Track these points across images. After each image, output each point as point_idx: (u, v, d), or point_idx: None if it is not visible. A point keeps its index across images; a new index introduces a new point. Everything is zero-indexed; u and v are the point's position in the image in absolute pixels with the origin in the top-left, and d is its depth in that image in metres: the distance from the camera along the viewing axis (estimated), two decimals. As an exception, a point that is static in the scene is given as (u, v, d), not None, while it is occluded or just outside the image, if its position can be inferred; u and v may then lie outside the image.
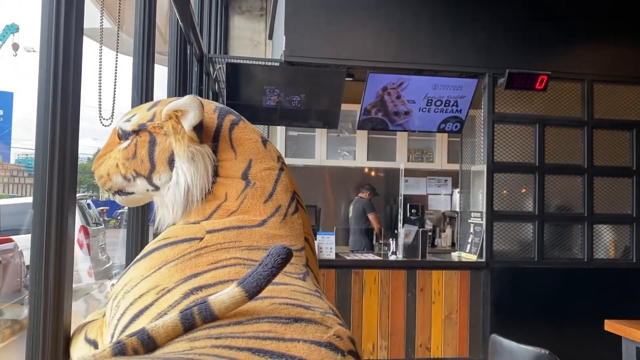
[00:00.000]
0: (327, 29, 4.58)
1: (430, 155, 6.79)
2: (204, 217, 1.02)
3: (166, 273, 0.90)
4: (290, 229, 1.02)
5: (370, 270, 4.56)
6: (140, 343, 0.66)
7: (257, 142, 1.08)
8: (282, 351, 0.67)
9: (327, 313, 0.81)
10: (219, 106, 1.11)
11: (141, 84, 1.92)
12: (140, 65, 1.94)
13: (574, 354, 4.54)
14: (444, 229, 6.81)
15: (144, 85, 1.93)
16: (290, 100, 4.71)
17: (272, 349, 0.66)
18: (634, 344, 2.90)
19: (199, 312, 0.69)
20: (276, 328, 0.70)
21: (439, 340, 4.58)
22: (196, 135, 1.01)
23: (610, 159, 4.90)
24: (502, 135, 4.78)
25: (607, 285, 4.73)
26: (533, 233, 4.76)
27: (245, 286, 0.69)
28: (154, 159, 1.05)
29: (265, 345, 0.66)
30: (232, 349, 0.64)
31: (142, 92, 1.91)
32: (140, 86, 1.91)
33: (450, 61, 4.71)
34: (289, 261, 0.72)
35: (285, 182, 1.07)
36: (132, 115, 1.10)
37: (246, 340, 0.67)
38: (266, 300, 0.77)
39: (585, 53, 4.88)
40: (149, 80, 1.95)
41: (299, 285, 0.89)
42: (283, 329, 0.71)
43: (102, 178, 1.13)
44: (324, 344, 0.71)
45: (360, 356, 0.80)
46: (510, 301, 4.63)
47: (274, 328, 0.70)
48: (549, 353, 2.42)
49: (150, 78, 1.96)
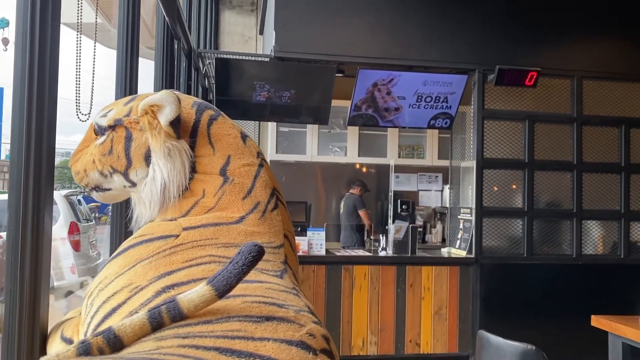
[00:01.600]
0: (318, 24, 4.56)
1: (421, 151, 6.80)
2: (181, 214, 1.00)
3: (140, 271, 0.89)
4: (270, 225, 1.01)
5: (360, 266, 4.55)
6: (106, 342, 0.64)
7: (237, 137, 1.07)
8: (251, 350, 0.65)
9: (301, 311, 0.80)
10: (197, 101, 1.10)
11: (125, 79, 1.89)
12: (124, 59, 1.91)
13: (562, 349, 4.57)
14: (435, 224, 6.83)
15: (128, 80, 1.90)
16: (280, 96, 4.69)
17: (241, 349, 0.65)
18: (619, 339, 2.92)
19: (168, 311, 0.68)
20: (246, 327, 0.69)
21: (428, 335, 4.59)
22: (173, 131, 0.99)
23: (599, 155, 4.92)
24: (492, 131, 4.79)
25: (595, 281, 4.76)
26: (522, 229, 4.78)
27: (215, 285, 0.68)
28: (130, 154, 1.03)
29: (233, 345, 0.65)
30: (198, 349, 0.63)
31: (125, 86, 1.89)
32: (123, 81, 1.89)
33: (441, 57, 4.71)
34: (260, 259, 0.70)
35: (264, 178, 1.06)
36: (109, 111, 1.08)
37: (214, 339, 0.66)
38: (238, 299, 0.76)
39: (574, 50, 4.90)
40: (132, 75, 1.92)
41: (275, 282, 0.88)
42: (253, 328, 0.69)
43: (79, 174, 1.11)
44: (295, 342, 0.70)
45: (335, 355, 0.79)
46: (499, 297, 4.65)
47: (244, 327, 0.69)
48: (536, 349, 2.43)
49: (134, 72, 1.94)
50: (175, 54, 3.05)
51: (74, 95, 1.27)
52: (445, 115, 4.96)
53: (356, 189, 6.43)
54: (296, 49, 4.53)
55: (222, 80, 4.56)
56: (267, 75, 4.59)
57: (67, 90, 1.38)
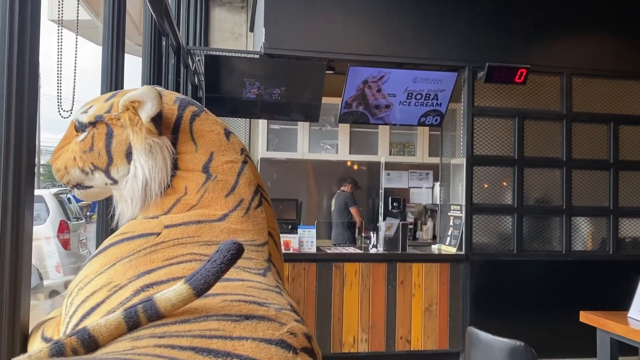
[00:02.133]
0: (308, 21, 4.55)
1: (412, 148, 6.80)
2: (163, 212, 0.99)
3: (120, 269, 0.88)
4: (253, 223, 1.00)
5: (351, 264, 4.55)
6: (80, 343, 0.63)
7: (220, 134, 1.05)
8: (228, 350, 0.64)
9: (283, 309, 0.79)
10: (179, 97, 1.08)
11: (110, 75, 1.87)
12: (109, 55, 1.89)
13: (552, 345, 4.59)
14: (426, 221, 6.84)
15: (114, 76, 1.88)
16: (270, 93, 4.67)
17: (218, 348, 0.64)
18: (608, 334, 2.94)
19: (144, 310, 0.67)
20: (224, 326, 0.68)
21: (419, 332, 4.60)
22: (154, 127, 0.98)
23: (589, 152, 4.94)
24: (482, 128, 4.80)
25: (584, 277, 4.78)
26: (512, 226, 4.79)
27: (193, 283, 0.67)
28: (111, 151, 1.02)
29: (210, 344, 0.64)
30: (174, 349, 0.62)
31: (111, 83, 1.87)
32: (109, 77, 1.87)
33: (431, 54, 4.71)
34: (239, 257, 0.69)
35: (248, 175, 1.04)
36: (89, 107, 1.06)
37: (190, 339, 0.64)
38: (217, 297, 0.75)
39: (564, 47, 4.91)
40: (118, 71, 1.90)
41: (257, 281, 0.87)
42: (232, 327, 0.68)
43: (60, 171, 1.09)
44: (275, 341, 0.69)
45: (317, 353, 0.78)
46: (489, 293, 4.67)
47: (222, 326, 0.68)
48: (524, 345, 2.44)
49: (120, 69, 1.92)
50: (164, 50, 3.03)
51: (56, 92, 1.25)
52: (436, 112, 4.96)
53: (347, 186, 6.43)
54: (286, 45, 4.52)
55: (212, 78, 4.54)
56: (257, 72, 4.57)
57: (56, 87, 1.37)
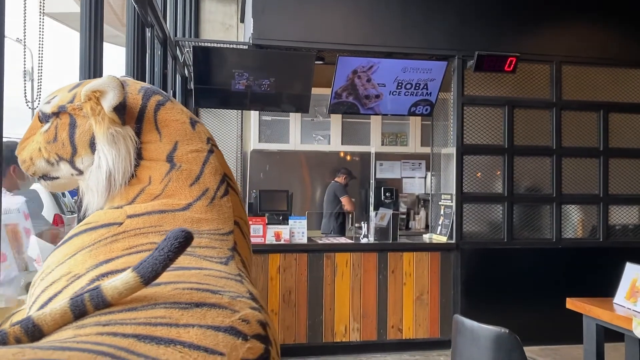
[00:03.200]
0: (296, 11, 4.53)
1: (404, 138, 6.79)
2: (128, 202, 0.99)
3: (80, 259, 0.88)
4: (218, 212, 1.00)
5: (341, 254, 4.57)
6: (24, 332, 0.63)
7: (185, 123, 1.05)
8: (172, 337, 0.64)
9: (239, 297, 0.79)
10: (145, 86, 1.08)
11: (88, 64, 1.86)
12: (87, 43, 1.87)
13: (543, 331, 4.63)
14: (418, 211, 6.85)
15: (92, 66, 1.87)
16: (259, 84, 4.66)
17: (162, 335, 0.64)
18: (594, 320, 2.96)
19: (91, 298, 0.67)
20: (172, 313, 0.68)
21: (410, 321, 4.63)
22: (117, 117, 0.98)
23: (579, 140, 4.95)
24: (472, 117, 4.80)
25: (575, 264, 4.81)
26: (502, 214, 4.81)
27: (140, 271, 0.67)
28: (75, 142, 1.02)
29: (154, 332, 0.64)
30: (116, 336, 0.62)
31: (89, 72, 1.86)
32: (87, 66, 1.86)
33: (420, 44, 4.70)
34: (188, 245, 0.69)
35: (214, 164, 1.04)
36: (53, 97, 1.06)
37: (135, 326, 0.64)
38: (169, 286, 0.75)
39: (554, 35, 4.90)
40: (97, 60, 1.89)
41: (217, 269, 0.87)
42: (179, 315, 0.68)
43: (25, 162, 1.09)
44: (224, 328, 0.69)
45: (273, 341, 0.78)
46: (480, 282, 4.69)
47: (169, 314, 0.68)
48: (509, 332, 2.46)
49: (98, 57, 1.90)
50: (148, 41, 3.02)
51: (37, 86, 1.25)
52: (426, 102, 4.96)
53: (341, 177, 6.42)
54: (275, 36, 4.50)
55: (201, 69, 4.52)
56: (246, 63, 4.56)
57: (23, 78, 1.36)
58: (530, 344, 4.65)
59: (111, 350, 0.58)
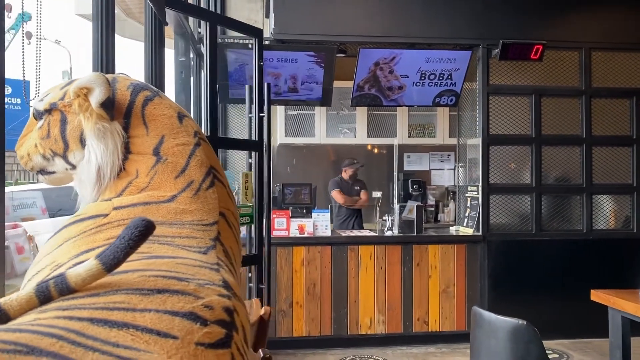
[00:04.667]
0: (317, 4, 4.53)
1: (432, 130, 6.72)
2: (116, 194, 1.02)
3: (65, 249, 0.92)
4: (203, 203, 1.02)
5: (365, 247, 4.57)
6: None
7: (172, 117, 1.08)
8: (127, 321, 0.66)
9: (208, 284, 0.80)
10: (134, 83, 1.11)
11: (101, 56, 1.91)
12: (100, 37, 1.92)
13: (572, 325, 4.53)
14: (447, 204, 6.77)
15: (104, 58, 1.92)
16: (283, 79, 4.69)
17: (117, 319, 0.66)
18: (619, 313, 2.89)
19: (55, 284, 0.70)
20: (131, 299, 0.70)
21: (436, 314, 4.60)
22: (105, 112, 1.01)
23: (610, 128, 4.80)
24: (498, 107, 4.71)
25: (607, 256, 4.68)
26: (530, 205, 4.72)
27: (103, 259, 0.69)
28: (66, 137, 1.06)
29: (109, 316, 0.66)
30: (72, 320, 0.64)
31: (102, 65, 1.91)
32: (100, 58, 1.90)
33: (443, 33, 4.64)
34: (149, 233, 0.71)
35: (200, 157, 1.06)
36: (46, 95, 1.11)
37: (92, 310, 0.66)
38: (136, 273, 0.77)
39: (582, 20, 4.76)
40: (109, 53, 1.93)
41: (193, 258, 0.89)
42: (138, 300, 0.70)
43: (23, 158, 1.14)
44: (182, 313, 0.70)
45: (238, 327, 0.79)
46: (507, 274, 4.62)
47: (128, 299, 0.70)
48: (527, 323, 2.42)
49: (110, 49, 1.95)
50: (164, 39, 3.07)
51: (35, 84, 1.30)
52: (451, 92, 4.90)
53: (345, 171, 5.93)
54: (296, 30, 4.52)
55: (224, 65, 4.58)
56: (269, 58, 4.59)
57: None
58: (560, 337, 4.57)
59: (61, 332, 0.60)
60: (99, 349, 0.60)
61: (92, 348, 0.60)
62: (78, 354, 0.58)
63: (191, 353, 0.66)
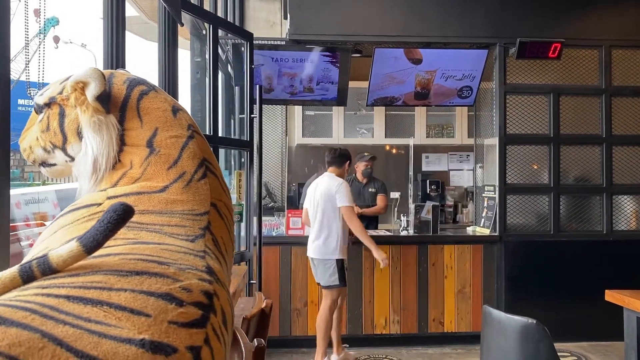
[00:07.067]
0: (332, 4, 4.55)
1: (450, 130, 6.68)
2: (112, 185, 1.06)
3: (58, 236, 0.95)
4: (194, 194, 1.05)
5: (381, 246, 4.53)
6: None
7: (166, 110, 1.11)
8: (102, 299, 0.68)
9: (190, 269, 0.82)
10: (130, 77, 1.14)
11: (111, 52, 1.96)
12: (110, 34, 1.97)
13: (591, 327, 4.45)
14: (466, 204, 6.71)
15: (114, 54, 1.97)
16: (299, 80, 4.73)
17: (92, 297, 0.68)
18: (634, 314, 2.84)
19: (38, 265, 0.73)
20: (109, 279, 0.72)
21: (452, 314, 4.57)
22: (101, 106, 1.05)
23: (631, 127, 4.71)
24: (515, 106, 4.67)
25: (627, 257, 4.59)
26: (549, 205, 4.65)
27: (83, 241, 0.72)
28: (64, 130, 1.10)
29: (86, 294, 0.68)
30: (49, 296, 0.67)
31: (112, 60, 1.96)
32: (110, 54, 1.95)
33: (459, 32, 4.61)
34: (127, 217, 0.74)
35: (192, 149, 1.09)
36: (46, 90, 1.15)
37: (69, 289, 0.69)
38: (118, 256, 0.79)
39: (602, 17, 4.68)
40: (119, 49, 1.98)
41: (179, 245, 0.91)
42: (115, 280, 0.72)
43: (26, 151, 1.19)
44: (158, 294, 0.72)
45: (219, 310, 0.80)
46: (525, 275, 4.56)
47: (106, 279, 0.72)
48: (537, 322, 2.39)
49: (120, 46, 2.00)
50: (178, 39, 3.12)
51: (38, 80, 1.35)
52: (467, 91, 4.87)
53: (358, 167, 5.59)
54: (311, 30, 4.54)
55: (239, 67, 4.63)
56: (284, 58, 4.63)
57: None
58: (578, 339, 4.49)
59: (36, 307, 0.63)
60: (70, 323, 0.63)
61: (63, 322, 0.62)
62: (48, 326, 0.61)
63: (162, 330, 0.68)
